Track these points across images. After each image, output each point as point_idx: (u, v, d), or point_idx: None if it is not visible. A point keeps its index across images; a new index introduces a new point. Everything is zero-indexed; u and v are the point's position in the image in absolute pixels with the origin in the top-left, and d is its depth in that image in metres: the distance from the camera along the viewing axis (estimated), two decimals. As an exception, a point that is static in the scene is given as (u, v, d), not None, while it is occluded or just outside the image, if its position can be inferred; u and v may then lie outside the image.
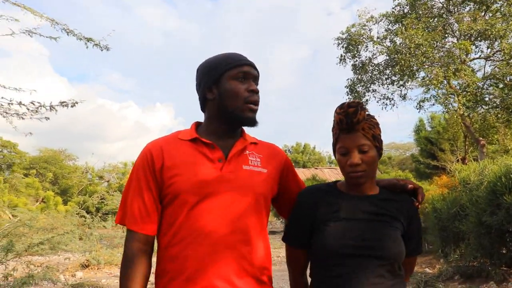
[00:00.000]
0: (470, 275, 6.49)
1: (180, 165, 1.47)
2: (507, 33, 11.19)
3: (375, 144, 1.55)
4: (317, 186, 1.72)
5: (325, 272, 1.55)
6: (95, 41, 3.83)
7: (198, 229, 1.42)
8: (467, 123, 12.70)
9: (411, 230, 1.60)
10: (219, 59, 1.58)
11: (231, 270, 1.43)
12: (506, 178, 5.34)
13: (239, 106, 1.51)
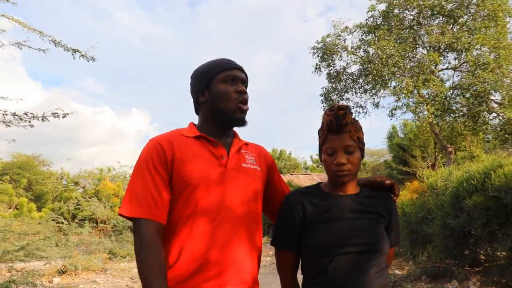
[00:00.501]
0: (436, 275, 6.82)
1: (190, 159, 1.55)
2: (471, 46, 11.78)
3: (359, 146, 1.65)
4: (301, 189, 1.79)
5: (318, 268, 1.62)
6: (81, 52, 3.99)
7: (209, 217, 1.51)
8: (436, 130, 13.23)
9: (392, 223, 1.72)
10: (209, 65, 1.70)
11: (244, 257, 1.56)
12: (468, 183, 5.66)
13: (230, 107, 1.62)
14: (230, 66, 1.68)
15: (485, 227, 5.32)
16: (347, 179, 1.64)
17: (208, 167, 1.56)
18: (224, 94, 1.62)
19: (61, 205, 17.33)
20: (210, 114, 1.66)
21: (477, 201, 5.30)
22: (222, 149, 1.62)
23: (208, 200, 1.53)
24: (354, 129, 1.64)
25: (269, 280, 7.85)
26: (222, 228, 1.53)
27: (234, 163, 1.63)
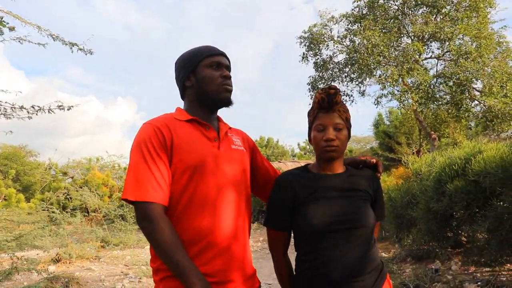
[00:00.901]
0: (420, 257, 7.12)
1: (187, 142, 1.60)
2: (454, 36, 12.08)
3: (347, 126, 1.74)
4: (291, 171, 1.85)
5: (310, 246, 1.70)
6: (79, 46, 4.11)
7: (208, 198, 1.57)
8: (420, 118, 13.57)
9: (377, 199, 1.80)
10: (194, 51, 1.76)
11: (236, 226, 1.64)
12: (450, 168, 5.90)
13: (215, 90, 1.69)
14: (215, 52, 1.74)
15: (466, 210, 5.56)
16: (334, 154, 1.70)
17: (205, 149, 1.62)
18: (210, 78, 1.69)
19: (51, 196, 17.29)
20: (197, 98, 1.72)
21: (458, 185, 5.52)
22: (213, 132, 1.70)
23: (208, 182, 1.58)
24: (343, 109, 1.73)
25: (260, 264, 8.11)
26: (221, 209, 1.60)
27: (225, 145, 1.70)
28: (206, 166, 1.60)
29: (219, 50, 1.78)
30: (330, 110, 1.71)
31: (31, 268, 4.84)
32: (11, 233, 7.45)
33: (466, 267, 6.19)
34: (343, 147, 1.73)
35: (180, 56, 1.79)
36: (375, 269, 1.71)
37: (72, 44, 4.17)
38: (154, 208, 1.48)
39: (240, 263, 1.65)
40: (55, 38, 4.00)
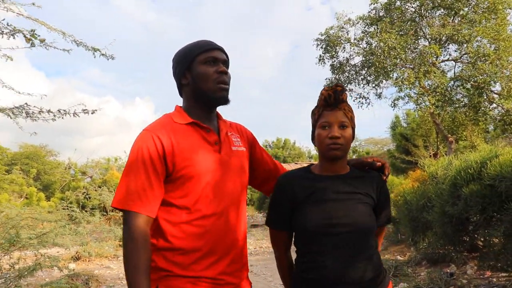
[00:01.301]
0: (435, 260, 7.11)
1: (189, 149, 1.57)
2: (472, 38, 11.99)
3: (352, 125, 1.70)
4: (292, 171, 1.82)
5: (306, 248, 1.69)
6: (101, 51, 4.27)
7: (211, 205, 1.57)
8: (437, 121, 13.48)
9: (381, 203, 1.74)
10: (190, 47, 1.70)
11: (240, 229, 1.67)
12: (465, 172, 5.91)
13: (210, 87, 1.62)
14: (211, 47, 1.68)
15: (481, 214, 5.56)
16: (339, 153, 1.66)
17: (206, 155, 1.60)
18: (205, 75, 1.63)
19: (70, 195, 17.63)
20: (193, 95, 1.68)
21: (473, 189, 5.52)
22: (214, 135, 1.66)
23: (211, 189, 1.58)
24: (348, 108, 1.70)
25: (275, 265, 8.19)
26: (224, 214, 1.60)
27: (226, 148, 1.67)
28: (208, 173, 1.58)
29: (216, 44, 1.72)
30: (335, 108, 1.68)
31: (53, 265, 5.01)
32: (34, 231, 7.65)
33: (482, 272, 6.17)
34: (347, 146, 1.69)
35: (177, 52, 1.75)
36: (374, 276, 1.66)
37: (95, 49, 4.31)
38: (136, 219, 1.47)
39: (242, 264, 1.69)
40: (79, 43, 4.15)
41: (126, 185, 1.51)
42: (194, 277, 1.54)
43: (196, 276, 1.55)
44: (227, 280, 1.60)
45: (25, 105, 3.83)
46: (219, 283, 1.58)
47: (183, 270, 1.54)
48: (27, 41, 3.54)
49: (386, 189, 1.78)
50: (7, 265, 5.20)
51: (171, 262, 1.54)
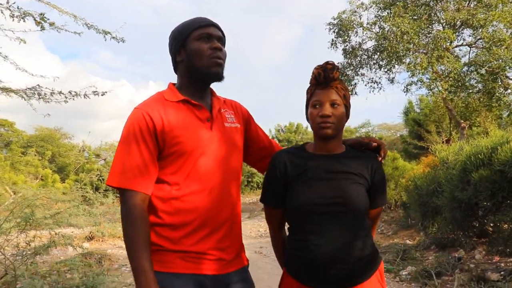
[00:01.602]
0: (444, 245, 7.13)
1: (180, 127, 1.58)
2: (487, 23, 11.75)
3: (344, 103, 1.67)
4: (287, 149, 1.82)
5: (298, 228, 1.70)
6: (112, 34, 4.32)
7: (202, 180, 1.59)
8: (450, 106, 13.34)
9: (376, 185, 1.72)
10: (184, 24, 1.69)
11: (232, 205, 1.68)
12: (475, 157, 5.90)
13: (204, 63, 1.62)
14: (205, 23, 1.67)
15: (491, 199, 5.57)
16: (330, 131, 1.64)
17: (197, 132, 1.61)
18: (199, 51, 1.63)
19: (84, 177, 17.89)
20: (187, 72, 1.67)
21: (483, 174, 5.51)
22: (206, 112, 1.66)
23: (202, 165, 1.59)
24: (341, 86, 1.68)
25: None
26: (215, 190, 1.61)
27: (218, 125, 1.67)
28: (199, 149, 1.59)
29: (210, 20, 1.71)
30: (327, 86, 1.66)
31: (67, 243, 5.16)
32: (49, 211, 7.83)
33: (490, 257, 6.18)
34: (339, 125, 1.67)
35: (173, 30, 1.74)
36: (364, 257, 1.66)
37: (106, 32, 4.37)
38: (132, 196, 1.50)
39: (235, 240, 1.71)
40: (90, 26, 4.21)
41: (121, 164, 1.53)
42: (184, 251, 1.57)
43: (186, 250, 1.57)
44: (217, 256, 1.61)
45: (37, 87, 3.92)
46: (209, 258, 1.59)
47: (174, 245, 1.56)
48: (37, 24, 3.61)
49: (382, 171, 1.76)
50: (24, 243, 5.37)
51: (162, 237, 1.56)
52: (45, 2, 4.16)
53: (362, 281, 1.64)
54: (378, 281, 1.69)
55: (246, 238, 10.80)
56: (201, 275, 1.57)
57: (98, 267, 6.32)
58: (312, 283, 1.65)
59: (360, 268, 1.64)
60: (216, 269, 1.61)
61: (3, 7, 3.41)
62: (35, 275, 4.70)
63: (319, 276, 1.63)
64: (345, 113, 1.69)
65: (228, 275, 1.65)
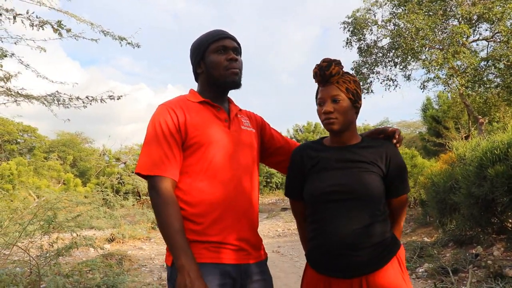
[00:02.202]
0: (462, 242, 7.07)
1: (201, 122, 1.72)
2: (504, 16, 11.56)
3: (348, 96, 1.71)
4: (305, 143, 1.91)
5: (312, 217, 1.77)
6: (127, 40, 4.46)
7: (221, 173, 1.70)
8: (467, 102, 13.17)
9: (391, 171, 1.74)
10: (202, 38, 1.84)
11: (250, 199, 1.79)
12: (491, 153, 5.85)
13: (221, 74, 1.77)
14: (221, 36, 1.81)
15: (508, 195, 5.52)
16: (335, 127, 1.71)
17: (216, 128, 1.74)
18: (216, 63, 1.77)
19: (105, 180, 18.15)
20: (207, 82, 1.82)
21: (499, 170, 5.47)
22: (224, 113, 1.80)
23: (220, 157, 1.70)
24: (343, 80, 1.71)
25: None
26: (233, 183, 1.71)
27: (235, 126, 1.82)
28: (218, 144, 1.72)
29: (226, 33, 1.85)
30: (327, 83, 1.73)
31: (88, 243, 5.31)
32: (71, 214, 8.02)
33: (509, 253, 6.12)
34: (343, 118, 1.71)
35: (192, 43, 1.89)
36: (377, 244, 1.67)
37: (121, 38, 4.51)
38: (163, 182, 1.61)
39: (253, 232, 1.80)
40: (106, 33, 4.36)
41: (148, 154, 1.65)
42: (208, 242, 1.65)
43: (209, 241, 1.65)
44: (239, 246, 1.70)
45: (56, 93, 4.08)
46: (231, 248, 1.68)
47: (198, 236, 1.65)
48: (55, 31, 3.77)
49: (399, 159, 1.77)
50: (47, 245, 5.55)
51: (187, 230, 1.63)
52: (64, 12, 4.33)
53: (377, 268, 1.65)
54: (396, 269, 1.69)
55: (264, 237, 10.88)
56: (225, 264, 1.66)
57: (119, 267, 6.46)
58: (326, 271, 1.70)
59: (373, 255, 1.65)
60: (237, 258, 1.70)
61: (24, 17, 3.57)
62: (58, 275, 4.86)
63: (331, 264, 1.68)
64: (350, 105, 1.73)
65: (249, 265, 1.74)
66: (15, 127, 23.54)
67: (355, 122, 1.80)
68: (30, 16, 3.57)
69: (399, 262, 1.71)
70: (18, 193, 14.11)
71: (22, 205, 9.09)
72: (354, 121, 1.79)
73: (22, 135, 24.99)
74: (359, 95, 1.76)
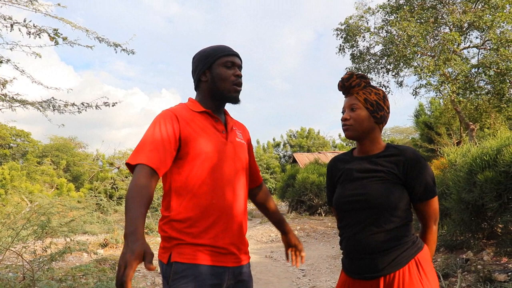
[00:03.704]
0: (453, 247, 7.14)
1: (199, 131, 1.80)
2: (494, 24, 11.76)
3: (366, 106, 1.82)
4: (336, 156, 2.05)
5: (339, 222, 1.92)
6: (122, 46, 4.52)
7: (219, 180, 1.79)
8: (458, 108, 13.33)
9: (410, 178, 1.78)
10: (212, 49, 1.93)
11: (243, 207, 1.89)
12: (481, 159, 5.93)
13: (226, 88, 1.87)
14: (230, 53, 1.92)
15: (497, 200, 5.60)
16: (349, 133, 1.85)
17: (215, 138, 1.83)
18: (223, 76, 1.87)
19: (98, 185, 18.09)
20: (209, 92, 1.90)
21: (488, 176, 5.54)
22: (221, 125, 1.90)
23: (217, 166, 1.80)
24: (363, 92, 1.83)
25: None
26: (229, 190, 1.82)
27: (231, 137, 1.91)
28: (218, 152, 1.82)
29: (234, 50, 1.97)
30: (348, 94, 1.88)
31: (82, 248, 5.34)
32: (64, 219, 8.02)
33: (498, 258, 6.20)
34: (358, 126, 1.83)
35: (199, 52, 1.97)
36: (394, 247, 1.74)
37: (116, 45, 4.57)
38: (141, 169, 1.62)
39: (242, 238, 1.90)
40: (101, 40, 4.41)
41: (139, 145, 1.71)
42: (203, 245, 1.74)
43: (205, 244, 1.74)
44: (232, 250, 1.81)
45: (52, 99, 4.13)
46: (222, 252, 1.78)
47: (193, 239, 1.73)
48: (51, 39, 3.82)
49: (419, 166, 1.79)
50: (40, 250, 5.56)
51: (182, 232, 1.73)
52: (59, 18, 4.38)
53: (393, 270, 1.73)
54: (414, 271, 1.73)
55: (258, 243, 10.91)
56: (220, 266, 1.76)
57: (112, 272, 6.47)
58: (350, 273, 1.85)
59: (390, 258, 1.74)
60: (232, 261, 1.81)
61: (20, 25, 3.62)
62: (51, 280, 4.87)
63: (352, 267, 1.83)
64: (368, 115, 1.83)
65: (242, 267, 1.87)
66: (8, 131, 23.47)
67: (375, 131, 1.87)
68: (27, 24, 3.62)
69: (417, 264, 1.75)
70: (10, 198, 14.06)
71: (15, 210, 9.08)
72: (374, 130, 1.86)
73: (15, 140, 24.93)
74: (380, 106, 1.84)
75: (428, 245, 1.88)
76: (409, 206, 1.83)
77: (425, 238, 1.90)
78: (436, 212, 1.92)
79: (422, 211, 1.86)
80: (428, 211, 1.86)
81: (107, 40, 4.56)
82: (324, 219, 13.54)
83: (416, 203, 1.83)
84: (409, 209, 1.83)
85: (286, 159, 35.44)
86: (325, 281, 6.04)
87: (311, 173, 14.56)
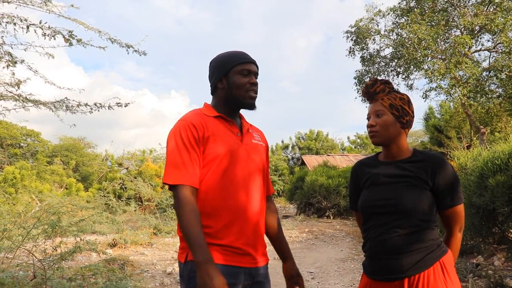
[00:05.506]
0: (463, 251, 7.06)
1: (217, 135, 1.85)
2: (506, 27, 11.66)
3: (391, 111, 1.83)
4: (361, 160, 2.07)
5: (364, 225, 1.94)
6: (134, 48, 4.55)
7: (236, 181, 1.84)
8: (469, 112, 13.23)
9: (438, 184, 1.79)
10: (229, 56, 1.95)
11: (259, 208, 1.91)
12: (492, 163, 5.89)
13: (242, 95, 1.90)
14: (247, 60, 1.94)
15: (508, 205, 5.55)
16: (376, 139, 1.86)
17: (231, 141, 1.87)
18: (240, 84, 1.90)
19: (107, 185, 18.17)
20: (225, 98, 1.94)
21: (500, 180, 5.49)
22: (236, 128, 1.94)
23: (235, 167, 1.84)
24: (388, 97, 1.84)
25: (304, 254, 8.39)
26: (247, 191, 1.86)
27: (247, 139, 1.95)
28: (233, 154, 1.86)
29: (251, 58, 1.98)
30: (372, 100, 1.89)
31: (91, 248, 5.36)
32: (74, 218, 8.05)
33: (509, 263, 6.15)
34: (384, 131, 1.84)
35: (216, 58, 2.00)
36: (418, 250, 1.77)
37: (128, 46, 4.59)
38: (183, 190, 1.73)
39: (259, 239, 1.92)
40: (113, 41, 4.44)
41: (174, 165, 1.78)
42: (220, 245, 1.78)
43: (222, 244, 1.79)
44: (245, 250, 1.83)
45: (65, 99, 4.16)
46: (238, 253, 1.81)
47: (211, 239, 1.77)
48: (66, 41, 3.86)
49: (448, 174, 1.81)
50: (50, 249, 5.60)
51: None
52: (72, 19, 4.42)
53: (417, 272, 1.75)
54: (438, 273, 1.75)
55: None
56: (235, 266, 1.80)
57: (121, 272, 6.50)
58: (373, 275, 1.86)
59: (414, 260, 1.76)
60: (248, 262, 1.84)
61: (36, 27, 3.66)
62: (61, 279, 4.91)
63: (376, 269, 1.84)
64: (394, 120, 1.84)
65: (258, 269, 1.89)
66: (19, 131, 23.69)
67: (402, 136, 1.89)
68: (43, 26, 3.66)
69: (442, 267, 1.77)
70: (21, 197, 14.18)
71: (25, 209, 9.14)
72: (400, 135, 1.88)
73: (26, 139, 25.14)
74: (405, 111, 1.86)
75: (451, 252, 1.88)
76: (435, 211, 1.85)
77: (449, 244, 1.91)
78: (461, 218, 1.91)
79: (448, 217, 1.87)
80: (454, 217, 1.87)
81: (119, 41, 4.59)
82: (332, 222, 13.49)
83: (443, 209, 1.84)
84: (435, 213, 1.85)
85: (294, 161, 35.36)
86: (334, 284, 6.02)
87: (320, 175, 14.52)
